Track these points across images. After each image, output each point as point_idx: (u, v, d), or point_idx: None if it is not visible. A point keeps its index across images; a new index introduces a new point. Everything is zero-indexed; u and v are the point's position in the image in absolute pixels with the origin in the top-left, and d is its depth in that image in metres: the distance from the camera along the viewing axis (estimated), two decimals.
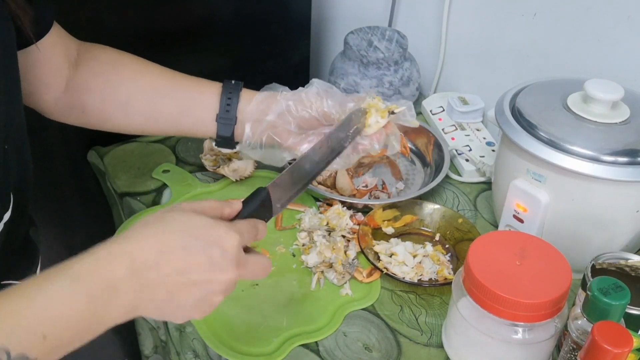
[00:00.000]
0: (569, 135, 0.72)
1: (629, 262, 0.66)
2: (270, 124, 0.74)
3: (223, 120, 0.74)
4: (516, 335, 0.63)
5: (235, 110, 0.74)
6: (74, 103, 0.73)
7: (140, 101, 0.74)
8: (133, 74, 0.74)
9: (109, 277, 0.47)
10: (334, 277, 0.80)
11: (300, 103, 0.73)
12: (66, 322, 0.46)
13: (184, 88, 0.76)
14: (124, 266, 0.48)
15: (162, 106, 0.75)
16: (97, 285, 0.47)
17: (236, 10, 1.16)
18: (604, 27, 0.89)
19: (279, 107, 0.73)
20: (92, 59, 0.74)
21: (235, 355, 0.70)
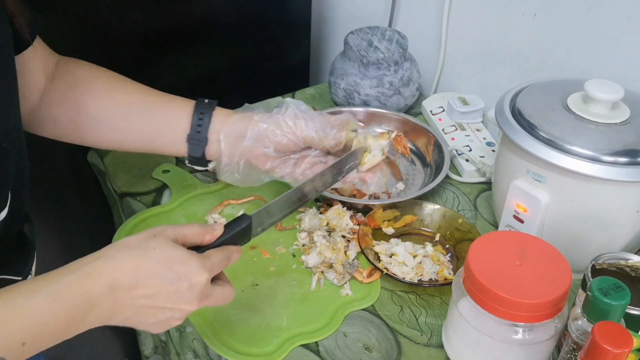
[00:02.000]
0: (569, 135, 0.72)
1: (629, 263, 0.66)
2: (247, 148, 0.74)
3: (194, 141, 0.74)
4: (516, 335, 0.63)
5: (206, 131, 0.74)
6: (47, 115, 0.73)
7: (112, 118, 0.74)
8: (106, 90, 0.74)
9: (89, 294, 0.52)
10: (334, 277, 0.80)
11: (278, 127, 0.73)
12: (45, 332, 0.50)
13: (156, 106, 0.75)
14: (102, 285, 0.53)
15: (133, 124, 0.75)
16: (77, 301, 0.51)
17: (236, 11, 1.16)
18: (604, 28, 0.89)
19: (256, 131, 0.74)
20: (68, 72, 0.74)
21: (236, 355, 0.70)
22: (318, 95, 1.20)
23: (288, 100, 0.76)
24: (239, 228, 0.61)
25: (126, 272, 0.53)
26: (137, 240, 0.56)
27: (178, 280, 0.55)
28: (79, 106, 0.73)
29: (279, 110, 0.75)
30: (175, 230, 0.57)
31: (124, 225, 0.88)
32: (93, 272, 0.53)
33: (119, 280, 0.53)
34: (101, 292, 0.52)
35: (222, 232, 0.60)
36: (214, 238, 0.59)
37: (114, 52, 1.04)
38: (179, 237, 0.57)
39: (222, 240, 0.60)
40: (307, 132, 0.73)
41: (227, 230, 0.60)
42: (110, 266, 0.53)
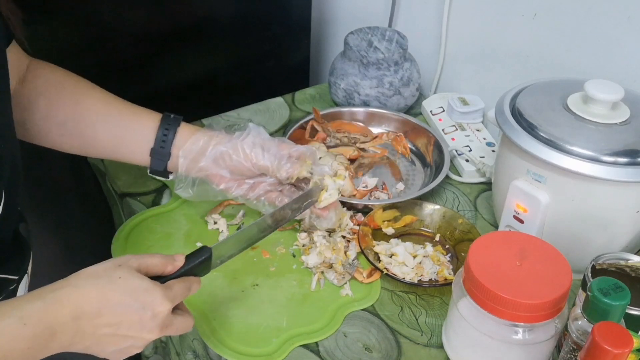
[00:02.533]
0: (569, 135, 0.72)
1: (629, 263, 0.66)
2: (204, 167, 0.77)
3: (158, 155, 0.77)
4: (516, 335, 0.63)
5: (170, 146, 0.76)
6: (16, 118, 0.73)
7: (77, 124, 0.75)
8: (75, 96, 0.75)
9: (53, 322, 0.53)
10: (334, 277, 0.80)
11: (235, 152, 0.76)
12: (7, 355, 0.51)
13: (122, 117, 0.77)
14: (66, 314, 0.53)
15: (98, 132, 0.76)
16: (42, 327, 0.52)
17: (236, 11, 1.16)
18: (604, 28, 0.89)
19: (214, 152, 0.77)
20: (39, 77, 0.75)
21: (236, 355, 0.70)
22: (318, 96, 1.20)
23: (251, 126, 0.79)
24: (199, 259, 0.63)
25: (91, 301, 0.54)
26: (102, 270, 0.57)
27: (142, 310, 0.56)
28: (45, 112, 0.74)
29: (240, 135, 0.78)
30: (139, 260, 0.59)
31: (123, 226, 0.88)
32: (59, 299, 0.54)
33: (82, 308, 0.54)
34: (65, 320, 0.53)
35: (183, 263, 0.62)
36: (175, 269, 0.61)
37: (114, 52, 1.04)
38: (142, 267, 0.59)
39: (182, 270, 0.62)
40: (262, 162, 0.76)
41: (188, 261, 0.62)
42: (75, 295, 0.54)
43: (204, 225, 0.89)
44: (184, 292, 0.61)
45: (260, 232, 0.72)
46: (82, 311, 0.54)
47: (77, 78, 0.77)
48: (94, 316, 0.54)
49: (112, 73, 0.82)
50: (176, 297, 0.59)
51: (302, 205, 0.79)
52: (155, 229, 0.87)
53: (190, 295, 0.62)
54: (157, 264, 0.60)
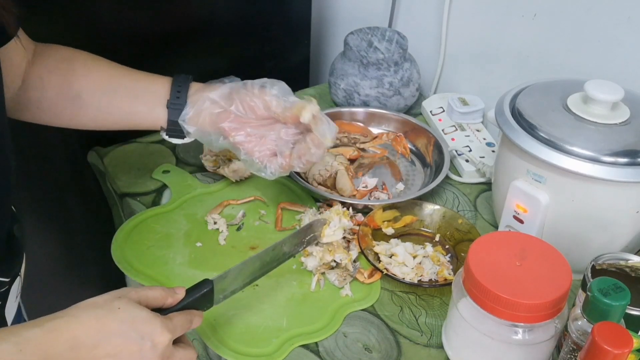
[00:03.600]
0: (569, 136, 0.72)
1: (629, 263, 0.66)
2: (211, 100, 0.75)
3: (173, 105, 0.75)
4: (516, 336, 0.63)
5: (185, 96, 0.76)
6: (29, 99, 0.74)
7: (92, 94, 0.75)
8: (85, 68, 0.76)
9: (50, 351, 0.52)
10: (335, 278, 0.80)
11: (243, 87, 0.75)
12: None
13: (134, 80, 0.77)
14: (63, 343, 0.53)
15: (113, 98, 0.76)
16: (38, 356, 0.51)
17: (236, 11, 1.16)
18: (604, 28, 0.89)
19: (222, 89, 0.75)
20: (47, 56, 0.75)
21: (235, 355, 0.70)
22: (318, 96, 1.20)
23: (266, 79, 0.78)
24: (200, 292, 0.63)
25: (89, 331, 0.54)
26: (102, 301, 0.56)
27: (141, 340, 0.55)
28: (59, 87, 0.74)
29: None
30: (139, 293, 0.59)
31: (123, 226, 0.88)
32: (57, 328, 0.53)
33: (80, 338, 0.53)
34: (62, 350, 0.53)
35: (183, 296, 0.62)
36: (175, 301, 0.61)
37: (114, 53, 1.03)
38: (142, 299, 0.58)
39: (184, 304, 0.62)
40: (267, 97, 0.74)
41: (189, 294, 0.62)
42: (73, 324, 0.54)
43: (204, 225, 0.89)
44: (184, 325, 0.60)
45: (262, 266, 0.71)
46: (80, 341, 0.53)
47: (85, 53, 0.77)
48: (92, 347, 0.54)
49: None
50: (177, 329, 0.59)
51: (305, 240, 0.79)
52: (155, 229, 0.87)
53: (192, 328, 0.62)
54: (158, 296, 0.60)
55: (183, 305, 0.62)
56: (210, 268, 0.82)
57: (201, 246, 0.85)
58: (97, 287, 1.21)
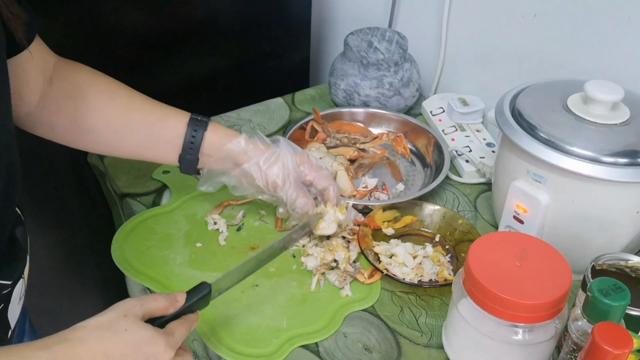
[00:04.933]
0: (569, 136, 0.72)
1: (629, 263, 0.66)
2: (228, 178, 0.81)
3: (185, 162, 0.79)
4: (516, 336, 0.63)
5: (197, 153, 0.78)
6: (44, 120, 0.75)
7: (106, 131, 0.77)
8: (101, 102, 0.76)
9: None
10: (335, 278, 0.80)
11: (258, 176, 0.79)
12: None
13: (148, 123, 0.78)
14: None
15: (127, 138, 0.78)
16: None
17: (237, 11, 1.16)
18: (604, 28, 0.89)
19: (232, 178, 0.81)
20: (66, 79, 0.75)
21: (235, 356, 0.70)
22: (318, 96, 1.20)
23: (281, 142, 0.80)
24: (199, 296, 0.64)
25: (95, 355, 0.54)
26: (107, 322, 0.57)
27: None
28: (74, 117, 0.75)
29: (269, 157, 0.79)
30: (143, 307, 0.59)
31: (123, 226, 0.87)
32: (62, 353, 0.53)
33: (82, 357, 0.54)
34: None
35: (183, 303, 0.63)
36: (177, 309, 0.62)
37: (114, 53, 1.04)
38: (147, 313, 0.60)
39: (182, 308, 0.63)
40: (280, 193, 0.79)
41: (189, 298, 0.63)
42: (79, 349, 0.54)
43: (204, 225, 0.89)
44: (184, 334, 0.62)
45: (258, 265, 0.72)
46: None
47: (105, 79, 0.77)
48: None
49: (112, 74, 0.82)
50: (178, 343, 0.60)
51: (300, 236, 0.80)
52: (155, 230, 0.87)
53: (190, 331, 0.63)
54: (161, 307, 0.61)
55: (182, 309, 0.63)
56: (211, 268, 0.81)
57: (201, 246, 0.85)
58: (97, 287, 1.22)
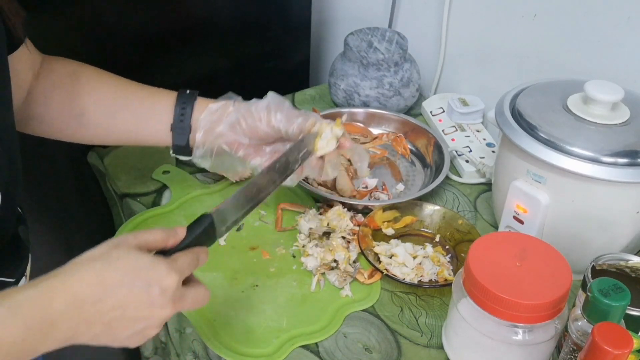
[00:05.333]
0: (569, 136, 0.72)
1: (629, 264, 0.66)
2: (221, 134, 0.75)
3: (178, 130, 0.76)
4: (516, 336, 0.63)
5: (189, 119, 0.75)
6: (33, 114, 0.74)
7: (95, 113, 0.75)
8: (89, 86, 0.75)
9: (48, 310, 0.50)
10: (335, 279, 0.80)
11: (250, 115, 0.74)
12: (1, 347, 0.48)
13: (138, 100, 0.77)
14: (63, 301, 0.50)
15: (117, 119, 0.76)
16: (35, 317, 0.49)
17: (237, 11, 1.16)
18: (604, 28, 0.89)
19: (230, 118, 0.74)
20: (52, 71, 0.75)
21: (235, 356, 0.70)
22: (318, 96, 1.20)
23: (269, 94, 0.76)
24: (201, 228, 0.60)
25: (90, 286, 0.51)
26: (98, 253, 0.54)
27: (148, 287, 0.53)
28: (62, 104, 0.74)
29: (256, 101, 0.76)
30: (137, 238, 0.56)
31: (123, 226, 0.88)
32: (52, 288, 0.51)
33: (81, 294, 0.51)
34: (61, 308, 0.50)
35: (185, 235, 0.59)
36: (177, 241, 0.58)
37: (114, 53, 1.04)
38: (142, 244, 0.56)
39: (186, 243, 0.59)
40: (274, 122, 0.73)
41: (190, 232, 0.59)
42: (70, 281, 0.51)
43: None
44: (191, 263, 0.57)
45: (259, 190, 0.67)
46: (80, 299, 0.51)
47: (91, 68, 0.77)
48: (95, 301, 0.51)
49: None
50: (183, 269, 0.56)
51: (299, 157, 0.74)
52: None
53: (200, 266, 0.59)
54: (158, 239, 0.57)
55: (185, 244, 0.58)
56: (211, 268, 0.81)
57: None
58: None
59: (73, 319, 0.51)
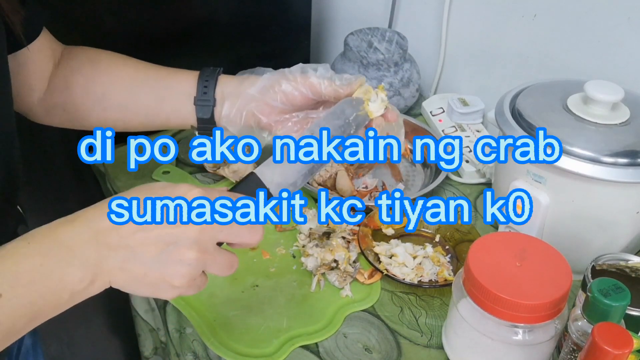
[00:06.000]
0: (569, 136, 0.72)
1: (629, 264, 0.66)
2: (252, 97, 0.70)
3: (201, 102, 0.72)
4: (516, 336, 0.63)
5: (212, 91, 0.72)
6: (55, 102, 0.74)
7: (117, 93, 0.74)
8: (109, 67, 0.75)
9: (63, 237, 0.48)
10: (335, 279, 0.80)
11: (284, 77, 0.69)
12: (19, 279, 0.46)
13: (160, 77, 0.75)
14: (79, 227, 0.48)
15: (139, 96, 0.74)
16: (52, 244, 0.47)
17: (236, 11, 1.16)
18: (604, 28, 0.89)
19: (262, 82, 0.70)
20: (72, 58, 0.75)
21: (235, 356, 0.70)
22: None
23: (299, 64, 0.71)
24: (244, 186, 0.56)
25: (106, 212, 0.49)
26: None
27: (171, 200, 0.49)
28: (84, 88, 0.73)
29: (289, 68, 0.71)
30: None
31: None
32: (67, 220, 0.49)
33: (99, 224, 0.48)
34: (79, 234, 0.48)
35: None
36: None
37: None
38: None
39: None
40: (313, 79, 0.68)
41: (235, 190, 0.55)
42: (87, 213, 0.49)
43: None
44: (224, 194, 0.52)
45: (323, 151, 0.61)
46: (98, 226, 0.48)
47: (109, 52, 0.76)
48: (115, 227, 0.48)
49: None
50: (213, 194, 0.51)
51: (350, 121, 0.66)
52: None
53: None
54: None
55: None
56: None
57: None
58: None
59: (93, 246, 0.48)
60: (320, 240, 0.84)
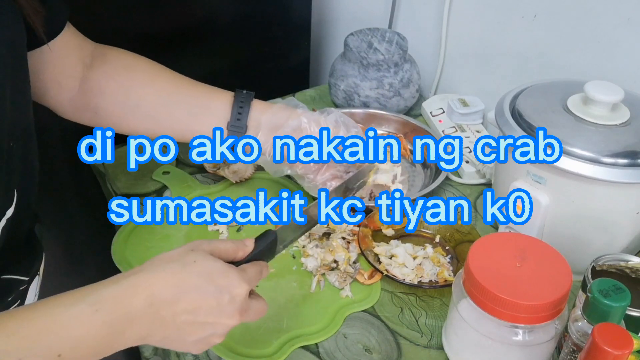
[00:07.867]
0: (569, 137, 0.72)
1: (629, 264, 0.66)
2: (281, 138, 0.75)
3: (234, 128, 0.75)
4: (516, 337, 0.63)
5: (246, 118, 0.75)
6: (87, 104, 0.74)
7: (150, 105, 0.75)
8: (145, 78, 0.75)
9: (129, 308, 0.51)
10: (335, 279, 0.80)
11: (317, 124, 0.74)
12: (81, 344, 0.49)
13: (195, 94, 0.76)
14: (143, 300, 0.51)
15: (172, 111, 0.76)
16: (117, 314, 0.50)
17: (237, 12, 1.16)
18: (604, 29, 0.89)
19: (296, 122, 0.75)
20: (107, 62, 0.75)
21: (235, 357, 0.70)
22: (318, 97, 1.20)
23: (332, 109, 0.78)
24: (267, 242, 0.62)
25: (167, 286, 0.52)
26: (176, 254, 0.55)
27: (219, 294, 0.54)
28: (118, 95, 0.74)
29: (321, 112, 0.77)
30: (211, 245, 0.57)
31: (123, 227, 0.87)
32: (134, 285, 0.52)
33: (159, 294, 0.52)
34: (142, 306, 0.51)
35: (252, 249, 0.60)
36: (246, 254, 0.59)
37: None
38: (215, 252, 0.57)
39: (251, 256, 0.60)
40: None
41: (257, 245, 0.61)
42: (151, 280, 0.52)
43: (204, 226, 0.89)
44: (257, 276, 0.59)
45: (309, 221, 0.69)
46: (158, 298, 0.51)
47: (145, 60, 0.77)
48: (171, 302, 0.52)
49: None
50: (252, 280, 0.57)
51: (354, 187, 0.76)
52: (155, 230, 0.87)
53: (262, 279, 0.60)
54: (229, 249, 0.58)
55: (250, 258, 0.60)
56: None
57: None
58: None
59: (149, 318, 0.52)
60: (320, 241, 0.84)
